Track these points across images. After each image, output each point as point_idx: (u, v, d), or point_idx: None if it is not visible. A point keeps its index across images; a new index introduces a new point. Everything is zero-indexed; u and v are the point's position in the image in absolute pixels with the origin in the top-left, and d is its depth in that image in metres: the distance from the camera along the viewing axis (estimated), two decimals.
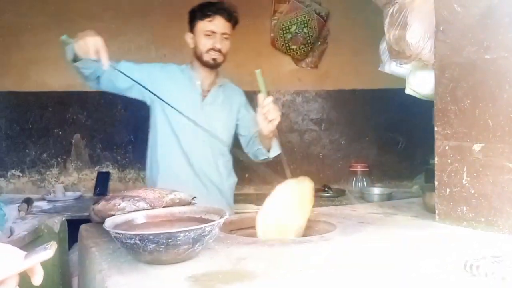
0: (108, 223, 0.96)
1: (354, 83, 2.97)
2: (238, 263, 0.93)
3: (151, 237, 0.86)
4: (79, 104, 2.81)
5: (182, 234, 0.87)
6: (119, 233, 0.89)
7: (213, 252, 1.01)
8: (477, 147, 1.20)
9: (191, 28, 1.86)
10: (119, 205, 1.10)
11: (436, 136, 1.31)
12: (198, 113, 1.85)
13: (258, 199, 2.24)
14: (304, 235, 1.27)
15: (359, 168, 2.84)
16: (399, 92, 1.64)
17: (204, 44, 1.82)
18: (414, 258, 0.98)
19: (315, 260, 0.98)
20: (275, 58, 2.98)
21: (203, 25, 1.82)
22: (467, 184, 1.23)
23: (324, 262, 0.96)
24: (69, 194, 2.67)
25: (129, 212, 1.08)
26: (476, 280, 0.84)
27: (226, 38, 1.84)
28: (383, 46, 1.54)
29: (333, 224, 1.33)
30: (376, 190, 2.59)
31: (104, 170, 2.83)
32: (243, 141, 2.01)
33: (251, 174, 2.94)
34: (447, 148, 1.28)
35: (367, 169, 2.84)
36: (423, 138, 1.58)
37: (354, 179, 2.83)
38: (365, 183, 2.78)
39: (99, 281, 0.88)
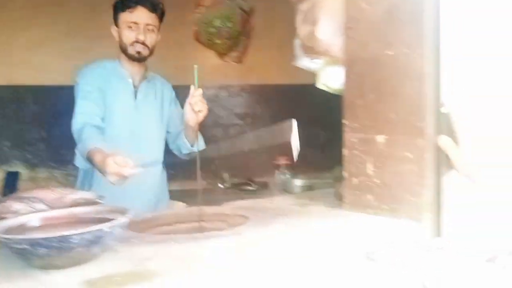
0: None
1: (277, 78, 3.01)
2: (141, 264, 0.90)
3: (41, 241, 0.80)
4: None
5: (76, 237, 0.81)
6: (6, 238, 0.82)
7: (115, 254, 0.96)
8: (380, 139, 1.26)
9: (115, 21, 1.79)
10: (12, 207, 1.02)
11: (344, 129, 1.36)
12: (132, 113, 1.81)
13: (184, 196, 2.22)
14: (216, 229, 1.26)
15: (282, 161, 2.88)
16: (320, 89, 1.68)
17: (127, 36, 1.76)
18: (320, 247, 1.01)
19: (222, 255, 0.97)
20: (198, 52, 2.94)
21: (125, 16, 1.76)
22: (372, 174, 1.28)
23: (232, 257, 0.95)
24: None
25: (23, 215, 1.00)
26: (375, 267, 0.88)
27: (150, 30, 1.78)
28: (297, 41, 1.57)
29: (247, 217, 1.34)
30: (298, 182, 2.64)
31: (13, 169, 2.63)
32: (169, 137, 1.98)
33: (176, 169, 2.88)
34: (354, 140, 1.33)
35: (290, 162, 2.89)
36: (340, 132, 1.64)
37: (277, 172, 2.87)
38: (287, 176, 2.83)
39: None
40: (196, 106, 1.60)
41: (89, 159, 1.51)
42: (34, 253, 0.81)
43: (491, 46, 1.16)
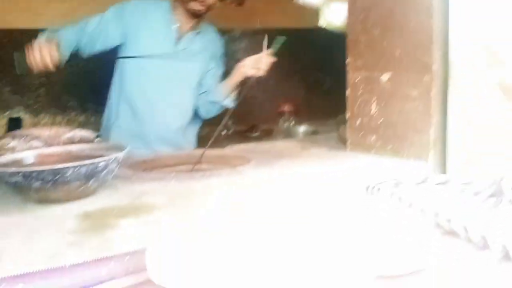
0: None
1: (281, 22, 2.90)
2: (138, 198, 0.89)
3: (34, 174, 0.78)
4: None
5: (71, 170, 0.80)
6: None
7: (113, 190, 0.95)
8: (384, 77, 1.21)
9: None
10: (9, 144, 1.00)
11: (347, 67, 1.31)
12: (170, 60, 1.76)
13: None
14: (217, 169, 1.25)
15: (286, 108, 2.84)
16: (326, 32, 1.62)
17: None
18: (319, 185, 0.99)
19: (223, 192, 0.96)
20: None
21: None
22: (375, 114, 1.25)
23: (232, 193, 0.94)
24: None
25: (18, 152, 0.98)
26: (375, 201, 0.87)
27: None
28: None
29: (248, 159, 1.32)
30: (302, 129, 2.63)
31: (15, 115, 2.61)
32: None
33: None
34: (358, 79, 1.28)
35: (294, 108, 2.86)
36: (345, 77, 1.59)
37: (282, 119, 2.84)
38: (291, 123, 2.80)
39: None
40: (262, 64, 1.67)
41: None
42: (28, 186, 0.80)
43: None
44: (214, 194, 0.94)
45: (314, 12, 1.64)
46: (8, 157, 0.93)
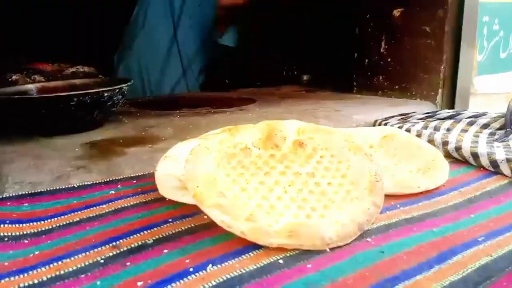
0: None
1: None
2: (144, 130, 0.88)
3: (38, 101, 0.77)
4: None
5: (75, 99, 0.78)
6: (3, 100, 0.79)
7: (119, 123, 0.94)
8: (396, 12, 1.17)
9: None
10: (11, 78, 0.98)
11: (357, 3, 1.26)
12: None
13: None
14: (222, 109, 1.24)
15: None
16: None
17: None
18: (328, 120, 0.98)
19: (227, 125, 0.94)
20: None
21: None
22: (384, 53, 1.22)
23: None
24: None
25: (21, 85, 0.96)
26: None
27: None
28: None
29: (254, 100, 1.30)
30: (306, 77, 2.58)
31: None
32: None
33: None
34: (368, 16, 1.24)
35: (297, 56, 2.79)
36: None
37: (285, 68, 2.79)
38: (295, 72, 2.75)
39: None
40: None
41: None
42: (32, 115, 0.78)
43: None
44: (217, 127, 0.93)
45: None
46: (10, 89, 0.91)
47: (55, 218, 0.50)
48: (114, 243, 0.44)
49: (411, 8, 1.14)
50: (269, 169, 0.50)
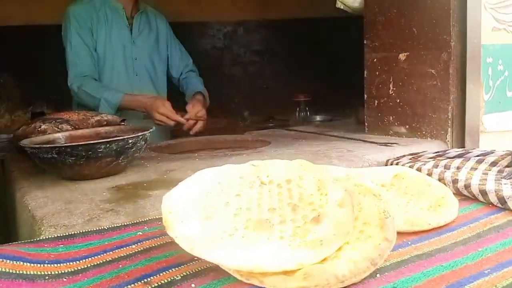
0: (26, 141, 0.92)
1: (296, 12, 2.92)
2: (166, 174, 0.93)
3: (68, 149, 0.82)
4: (5, 40, 2.59)
5: (103, 146, 0.84)
6: (35, 148, 0.85)
7: (141, 167, 0.99)
8: (402, 56, 1.23)
9: None
10: (40, 127, 1.05)
11: (365, 49, 1.33)
12: (129, 49, 1.75)
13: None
14: (239, 151, 1.29)
15: (302, 98, 2.86)
16: (342, 21, 1.62)
17: None
18: (340, 161, 1.02)
19: None
20: None
21: None
22: (393, 94, 1.27)
23: None
24: (3, 136, 2.53)
25: (50, 134, 1.03)
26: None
27: None
28: None
29: (268, 142, 1.35)
30: (318, 118, 2.64)
31: (38, 110, 2.68)
32: (175, 82, 1.96)
33: None
34: (375, 60, 1.30)
35: (310, 99, 2.87)
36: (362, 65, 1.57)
37: (298, 109, 2.86)
38: (308, 113, 2.81)
39: (19, 199, 0.85)
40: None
41: (123, 107, 1.62)
42: (62, 162, 0.84)
43: None
44: None
45: (329, 1, 1.65)
46: (40, 138, 0.98)
47: (89, 258, 0.54)
48: (145, 280, 0.47)
49: (416, 52, 1.19)
50: (285, 209, 0.53)
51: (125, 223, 0.65)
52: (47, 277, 0.49)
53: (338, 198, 0.52)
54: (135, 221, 0.66)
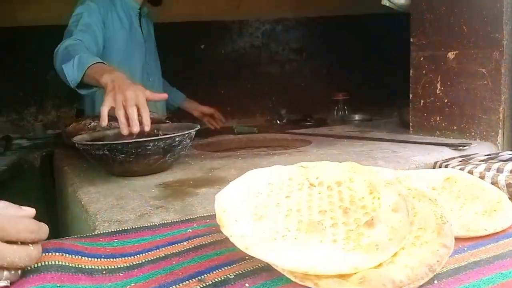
0: (77, 138, 0.95)
1: (334, 9, 2.89)
2: (211, 172, 0.94)
3: (119, 146, 0.85)
4: (51, 39, 2.69)
5: (151, 144, 0.86)
6: (87, 145, 0.88)
7: (186, 165, 1.01)
8: (451, 54, 1.19)
9: None
10: (90, 124, 1.09)
11: (411, 48, 1.30)
12: (140, 52, 1.68)
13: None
14: (281, 151, 1.29)
15: (340, 97, 2.82)
16: (382, 17, 1.58)
17: None
18: (386, 162, 1.00)
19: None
20: None
21: None
22: (440, 94, 1.23)
23: None
24: (49, 132, 2.64)
25: (99, 131, 1.06)
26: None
27: None
28: None
29: (309, 141, 1.35)
30: (357, 117, 2.60)
31: (82, 107, 2.78)
32: None
33: (233, 107, 2.94)
34: (422, 59, 1.27)
35: (348, 97, 2.83)
36: (404, 63, 1.54)
37: (336, 108, 2.83)
38: (346, 112, 2.78)
39: (71, 194, 0.88)
40: None
41: (89, 76, 1.15)
42: (113, 158, 0.86)
43: None
44: None
45: None
46: (91, 135, 1.01)
47: (143, 254, 0.56)
48: (199, 278, 0.48)
49: (466, 51, 1.15)
50: (337, 211, 0.53)
51: (175, 220, 0.67)
52: (104, 272, 0.51)
53: (391, 202, 0.51)
54: (184, 218, 0.68)
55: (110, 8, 1.59)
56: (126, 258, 0.55)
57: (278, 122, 2.79)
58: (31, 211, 0.46)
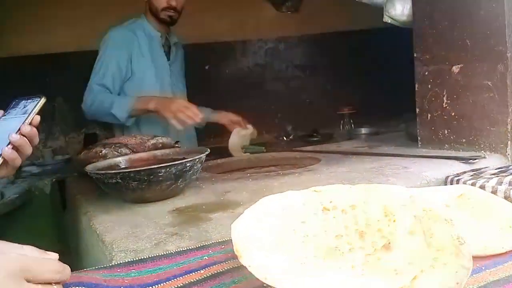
0: (90, 167, 0.96)
1: (337, 25, 2.92)
2: (223, 196, 0.95)
3: (132, 174, 0.86)
4: (58, 66, 2.74)
5: (163, 170, 0.87)
6: (100, 174, 0.89)
7: (197, 189, 1.02)
8: (456, 68, 1.20)
9: None
10: (101, 152, 1.10)
11: (415, 62, 1.30)
12: (165, 75, 1.82)
13: None
14: (290, 169, 1.29)
15: (346, 111, 2.83)
16: (383, 31, 1.60)
17: (159, 0, 1.73)
18: (397, 179, 1.00)
19: (300, 187, 0.98)
20: (254, 5, 2.90)
21: None
22: (447, 107, 1.23)
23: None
24: (58, 157, 2.66)
25: (110, 158, 1.07)
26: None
27: None
28: None
29: (318, 159, 1.35)
30: (364, 131, 2.60)
31: (91, 132, 2.80)
32: None
33: None
34: (426, 73, 1.27)
35: (354, 111, 2.84)
36: (408, 75, 1.55)
37: (342, 122, 2.83)
38: (352, 126, 2.78)
39: (86, 222, 0.89)
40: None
41: (137, 109, 1.59)
42: (126, 186, 0.87)
43: None
44: (291, 189, 0.97)
45: (372, 13, 1.64)
46: (103, 163, 1.02)
47: (161, 284, 0.56)
48: None
49: (470, 64, 1.16)
50: (349, 238, 0.53)
51: (190, 247, 0.67)
52: None
53: (407, 225, 0.52)
54: (199, 245, 0.68)
55: (131, 38, 1.75)
56: None
57: (285, 138, 2.80)
58: (55, 255, 0.48)
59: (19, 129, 0.71)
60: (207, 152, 0.99)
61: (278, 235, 0.53)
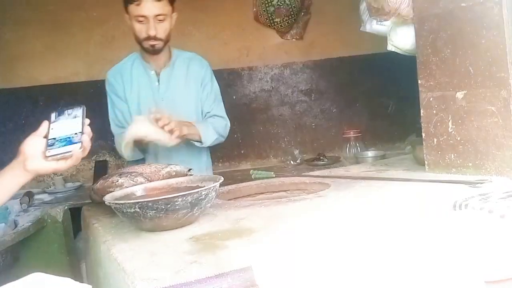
0: (108, 197, 0.99)
1: (340, 51, 2.98)
2: (237, 223, 0.97)
3: (150, 204, 0.89)
4: (69, 95, 2.80)
5: (180, 199, 0.90)
6: (119, 204, 0.92)
7: (212, 216, 1.04)
8: (460, 94, 1.23)
9: (127, 12, 1.66)
10: (117, 181, 1.13)
11: (420, 89, 1.34)
12: (159, 103, 1.75)
13: None
14: (300, 195, 1.31)
15: (351, 134, 2.86)
16: (386, 56, 1.65)
17: (139, 30, 1.65)
18: (406, 203, 1.02)
19: (312, 214, 1.01)
20: (260, 32, 2.99)
21: (133, 10, 1.62)
22: (453, 132, 1.26)
23: (321, 215, 1.00)
24: (69, 185, 2.70)
25: (127, 187, 1.11)
26: (465, 216, 0.88)
27: (161, 20, 1.63)
28: (363, 6, 1.56)
29: (327, 184, 1.37)
30: (370, 154, 2.63)
31: (101, 159, 2.85)
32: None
33: (247, 149, 2.99)
34: (431, 99, 1.31)
35: (360, 134, 2.87)
36: (412, 98, 1.58)
37: (348, 145, 2.86)
38: (358, 149, 2.81)
39: (105, 251, 0.92)
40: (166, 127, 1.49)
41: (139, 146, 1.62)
42: (144, 215, 0.90)
43: None
44: (303, 216, 1.00)
45: (374, 39, 1.69)
46: (120, 192, 1.06)
47: None
48: None
49: (474, 90, 1.20)
50: None
51: (210, 276, 0.69)
52: None
53: None
54: (218, 273, 0.70)
55: (124, 74, 1.80)
56: None
57: (292, 162, 2.83)
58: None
59: (82, 129, 0.77)
60: (221, 181, 1.02)
61: None
